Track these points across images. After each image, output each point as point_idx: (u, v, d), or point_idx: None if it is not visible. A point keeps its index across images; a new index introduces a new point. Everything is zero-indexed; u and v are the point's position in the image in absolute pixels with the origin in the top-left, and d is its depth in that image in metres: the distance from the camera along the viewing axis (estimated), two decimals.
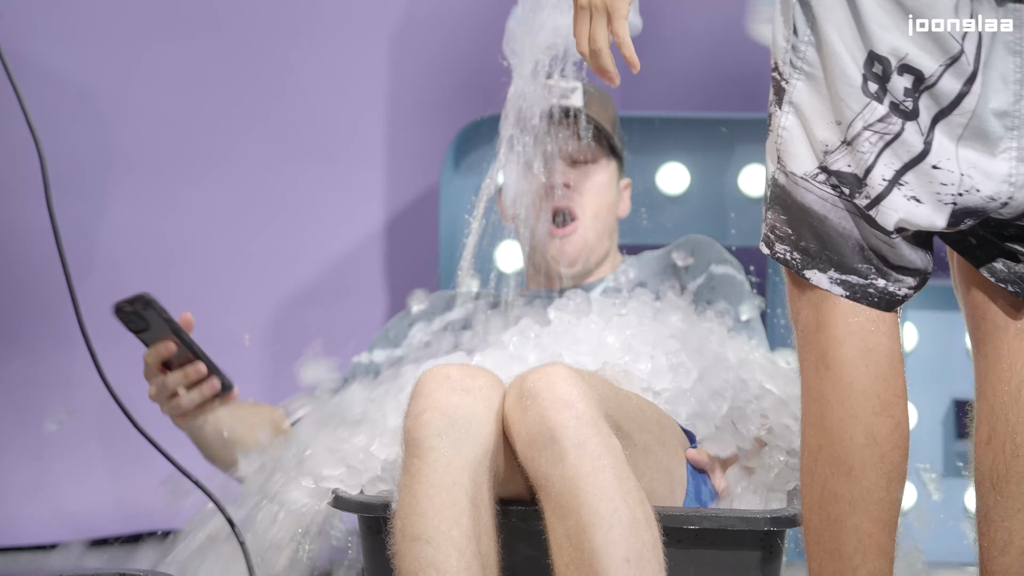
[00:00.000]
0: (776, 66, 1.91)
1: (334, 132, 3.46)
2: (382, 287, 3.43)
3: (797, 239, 1.91)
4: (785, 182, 1.91)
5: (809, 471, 1.90)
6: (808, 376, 1.91)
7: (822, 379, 1.90)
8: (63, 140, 3.35)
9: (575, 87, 2.61)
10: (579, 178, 2.60)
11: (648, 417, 2.20)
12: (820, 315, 1.91)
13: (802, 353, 1.93)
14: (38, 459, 3.32)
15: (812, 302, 1.91)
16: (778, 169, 1.92)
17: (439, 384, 2.07)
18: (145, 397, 3.31)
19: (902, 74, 1.85)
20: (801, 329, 1.93)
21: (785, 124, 1.90)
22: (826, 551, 1.90)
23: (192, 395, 2.37)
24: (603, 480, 1.97)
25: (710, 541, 2.13)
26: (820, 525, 1.90)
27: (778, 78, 1.91)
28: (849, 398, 1.89)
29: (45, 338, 3.37)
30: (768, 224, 1.93)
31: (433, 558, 1.97)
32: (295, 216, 3.46)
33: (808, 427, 1.91)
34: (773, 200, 1.93)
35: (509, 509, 2.09)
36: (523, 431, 2.04)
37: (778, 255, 1.92)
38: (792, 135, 1.90)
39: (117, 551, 3.27)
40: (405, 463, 2.05)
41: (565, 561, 1.98)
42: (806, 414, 1.92)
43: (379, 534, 2.16)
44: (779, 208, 1.92)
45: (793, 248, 1.91)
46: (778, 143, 1.91)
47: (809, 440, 1.91)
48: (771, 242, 1.93)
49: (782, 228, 1.91)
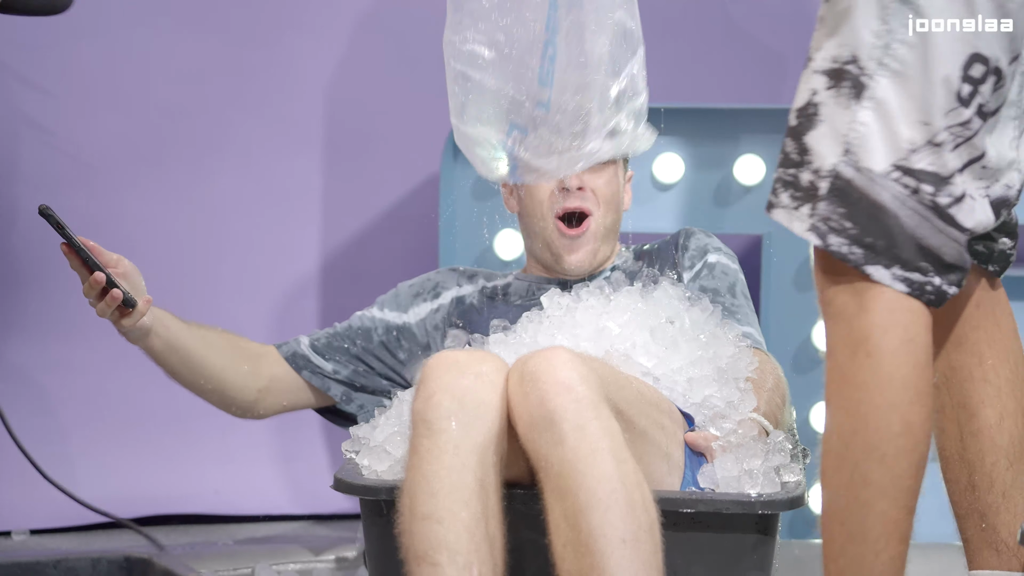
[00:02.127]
0: (854, 59, 1.90)
1: (335, 122, 3.46)
2: (383, 275, 3.43)
3: (861, 234, 1.90)
4: (854, 176, 1.90)
5: (838, 455, 1.90)
6: (843, 362, 1.91)
7: (861, 366, 1.89)
8: (69, 131, 3.37)
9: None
10: (592, 179, 2.58)
11: (648, 401, 2.22)
12: (863, 302, 1.90)
13: (835, 339, 1.92)
14: (44, 444, 3.34)
15: (854, 289, 1.90)
16: (844, 162, 1.90)
17: (447, 368, 2.09)
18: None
19: (994, 75, 1.88)
20: (836, 315, 1.92)
21: (863, 119, 1.89)
22: (849, 534, 1.90)
23: (101, 306, 2.39)
24: (601, 462, 2.00)
25: (705, 524, 2.15)
26: (846, 508, 1.91)
27: (856, 72, 1.89)
28: (890, 387, 1.89)
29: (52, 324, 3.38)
30: (820, 215, 1.91)
31: (445, 537, 1.99)
32: (297, 206, 3.46)
33: (839, 411, 1.91)
34: (832, 193, 1.90)
35: (513, 493, 2.11)
36: (524, 413, 2.06)
37: (832, 247, 1.90)
38: (871, 131, 1.89)
39: (123, 535, 3.30)
40: (414, 443, 2.07)
41: (563, 541, 2.00)
42: (837, 398, 1.91)
43: (380, 517, 2.19)
44: (839, 201, 1.91)
45: (854, 242, 1.90)
46: (851, 136, 1.90)
47: (841, 424, 1.90)
48: (824, 233, 1.91)
49: (839, 221, 1.90)
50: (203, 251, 3.43)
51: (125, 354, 3.35)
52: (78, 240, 2.34)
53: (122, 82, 3.37)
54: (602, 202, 2.58)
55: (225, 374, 2.54)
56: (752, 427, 2.29)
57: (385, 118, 3.46)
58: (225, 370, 2.54)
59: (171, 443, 3.43)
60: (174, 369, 2.52)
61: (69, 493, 3.18)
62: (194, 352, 2.51)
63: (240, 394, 2.57)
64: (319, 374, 2.61)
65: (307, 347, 2.63)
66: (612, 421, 2.05)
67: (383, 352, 2.63)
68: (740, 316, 2.54)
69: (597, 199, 2.58)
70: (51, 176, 3.35)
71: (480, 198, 3.27)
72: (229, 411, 2.61)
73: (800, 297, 3.28)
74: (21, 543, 3.27)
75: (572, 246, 2.59)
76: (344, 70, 3.46)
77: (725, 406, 2.31)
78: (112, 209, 3.38)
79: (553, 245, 2.60)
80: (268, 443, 3.49)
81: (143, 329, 2.43)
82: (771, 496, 2.16)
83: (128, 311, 2.40)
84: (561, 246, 2.59)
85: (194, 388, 2.55)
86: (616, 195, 2.60)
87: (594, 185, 2.57)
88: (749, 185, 3.29)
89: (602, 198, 2.58)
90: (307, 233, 3.47)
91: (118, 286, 2.36)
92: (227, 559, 3.11)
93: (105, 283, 2.35)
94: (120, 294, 2.36)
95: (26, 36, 3.30)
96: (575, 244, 2.59)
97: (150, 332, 2.44)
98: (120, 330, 2.44)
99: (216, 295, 3.41)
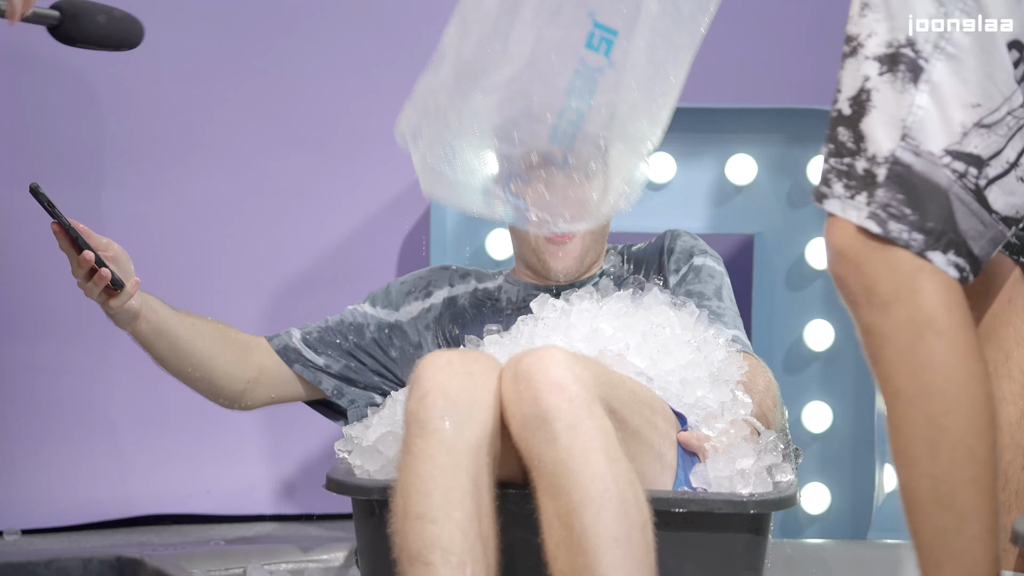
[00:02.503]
0: (910, 43, 1.90)
1: (329, 121, 3.46)
2: (375, 274, 3.44)
3: (921, 219, 1.89)
4: (914, 160, 1.90)
5: (931, 440, 1.88)
6: (906, 347, 1.89)
7: (933, 347, 1.88)
8: (61, 129, 3.36)
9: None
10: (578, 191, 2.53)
11: (641, 400, 2.23)
12: (916, 285, 1.88)
13: (889, 325, 1.90)
14: (35, 444, 3.34)
15: (905, 273, 1.89)
16: (902, 147, 1.90)
17: (440, 368, 2.09)
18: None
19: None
20: (887, 301, 1.90)
21: (920, 103, 1.89)
22: (961, 515, 1.89)
23: (89, 286, 2.38)
24: (594, 461, 2.00)
25: (697, 524, 2.15)
26: (954, 491, 1.89)
27: (913, 56, 1.90)
28: (970, 361, 1.89)
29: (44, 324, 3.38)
30: (878, 203, 1.90)
31: (438, 537, 1.99)
32: (290, 205, 3.46)
33: (920, 397, 1.89)
34: (890, 179, 1.90)
35: (505, 493, 2.11)
36: (517, 412, 2.06)
37: (892, 234, 1.89)
38: (928, 114, 1.89)
39: (115, 535, 3.30)
40: (408, 443, 2.07)
41: (555, 540, 2.00)
42: (909, 384, 1.89)
43: (372, 516, 2.19)
44: (897, 186, 1.90)
45: (914, 228, 1.89)
46: (909, 120, 1.90)
47: (926, 407, 1.88)
48: (883, 221, 1.90)
49: (899, 207, 1.90)
50: (195, 249, 3.43)
51: (115, 355, 3.36)
52: (67, 220, 2.34)
53: (114, 80, 3.37)
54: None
55: (214, 363, 2.53)
56: (744, 428, 2.29)
57: (377, 117, 3.46)
58: (214, 359, 2.53)
59: (162, 443, 3.42)
60: (162, 355, 2.50)
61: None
62: (183, 338, 2.49)
63: (228, 383, 2.56)
64: (311, 367, 2.61)
65: (299, 340, 2.62)
66: (605, 420, 2.05)
67: (375, 349, 2.63)
68: (727, 319, 2.54)
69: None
70: (44, 174, 3.34)
71: None
72: (216, 401, 2.60)
73: (792, 296, 3.28)
74: (12, 543, 3.27)
75: (558, 254, 2.58)
76: (337, 68, 3.46)
77: (718, 406, 2.32)
78: (104, 207, 3.37)
79: (539, 252, 2.59)
80: (260, 443, 3.49)
81: (131, 312, 2.42)
82: (763, 496, 2.17)
83: (116, 292, 2.39)
84: (547, 253, 2.58)
85: (182, 376, 2.54)
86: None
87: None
88: (741, 185, 3.29)
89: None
90: (299, 231, 3.46)
91: (106, 266, 2.36)
92: (219, 559, 3.11)
93: (94, 262, 2.35)
94: (108, 273, 2.36)
95: (18, 34, 3.29)
96: (561, 252, 2.58)
97: (139, 316, 2.43)
98: (108, 312, 2.42)
99: (208, 293, 3.41)
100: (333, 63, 3.45)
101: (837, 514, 3.25)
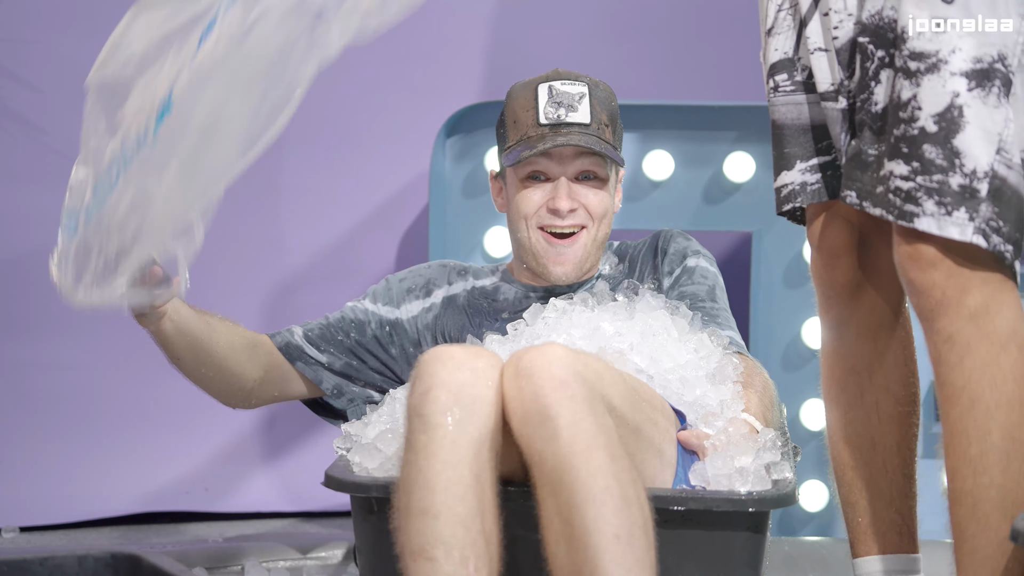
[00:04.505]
0: (1003, 58, 1.93)
1: (326, 118, 3.46)
2: (373, 271, 3.44)
3: (1012, 230, 1.94)
4: (1007, 173, 1.93)
5: (1005, 452, 1.94)
6: (988, 359, 1.94)
7: (1016, 358, 1.93)
8: (59, 128, 3.36)
9: (582, 93, 2.54)
10: (585, 194, 2.54)
11: (641, 397, 2.22)
12: (1003, 296, 1.93)
13: (971, 337, 1.94)
14: (34, 441, 3.34)
15: (991, 284, 1.94)
16: (998, 161, 1.93)
17: (443, 363, 2.09)
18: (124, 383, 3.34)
19: None
20: (973, 314, 1.94)
21: (1011, 116, 1.93)
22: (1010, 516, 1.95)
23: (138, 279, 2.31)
24: (596, 458, 2.00)
25: (696, 521, 2.15)
26: (1018, 500, 1.95)
27: (1005, 71, 1.93)
28: None
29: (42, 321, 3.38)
30: (983, 217, 1.93)
31: (441, 532, 1.99)
32: (287, 202, 3.46)
33: (998, 408, 1.94)
34: (991, 194, 1.93)
35: (506, 490, 2.11)
36: (518, 409, 2.06)
37: (997, 248, 1.93)
38: (1016, 126, 1.93)
39: (113, 532, 3.30)
40: (410, 439, 2.06)
41: (555, 537, 2.00)
42: (991, 394, 1.94)
43: (371, 514, 2.19)
44: (995, 200, 1.93)
45: (1007, 239, 1.93)
46: (1005, 135, 1.93)
47: (1007, 419, 1.94)
48: (988, 235, 1.93)
49: (996, 220, 1.93)
50: None
51: (113, 352, 3.35)
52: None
53: None
54: (596, 217, 2.54)
55: (226, 363, 2.52)
56: (743, 426, 2.29)
57: (376, 114, 3.46)
58: (227, 359, 2.51)
59: (160, 440, 3.42)
60: (179, 354, 2.47)
61: None
62: (201, 339, 2.47)
63: (238, 384, 2.55)
64: (312, 365, 2.60)
65: (300, 337, 2.62)
66: (606, 417, 2.05)
67: (375, 346, 2.63)
68: (721, 320, 2.54)
69: (590, 215, 2.54)
70: (42, 173, 3.34)
71: (470, 195, 3.27)
72: (223, 400, 2.58)
73: (790, 294, 3.28)
74: (10, 540, 3.26)
75: (559, 257, 2.55)
76: (335, 66, 3.45)
77: (717, 405, 2.32)
78: None
79: (539, 255, 2.57)
80: (258, 440, 3.49)
81: (160, 311, 2.39)
82: (761, 494, 2.17)
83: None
84: (547, 256, 2.56)
85: (194, 375, 2.52)
86: (609, 209, 2.56)
87: (587, 202, 2.54)
88: (739, 182, 3.30)
89: (596, 213, 2.54)
90: (298, 229, 3.47)
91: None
92: (217, 556, 3.11)
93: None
94: (160, 271, 2.30)
95: (14, 31, 3.29)
96: (563, 255, 2.55)
97: (165, 315, 2.40)
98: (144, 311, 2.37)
99: (206, 290, 3.39)
100: (332, 61, 3.44)
101: (835, 512, 3.25)
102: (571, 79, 2.55)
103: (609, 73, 2.75)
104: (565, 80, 2.55)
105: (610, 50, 3.49)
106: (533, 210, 2.55)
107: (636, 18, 3.53)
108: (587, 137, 2.51)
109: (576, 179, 2.54)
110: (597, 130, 2.53)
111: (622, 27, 3.52)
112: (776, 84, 2.26)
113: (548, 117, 2.53)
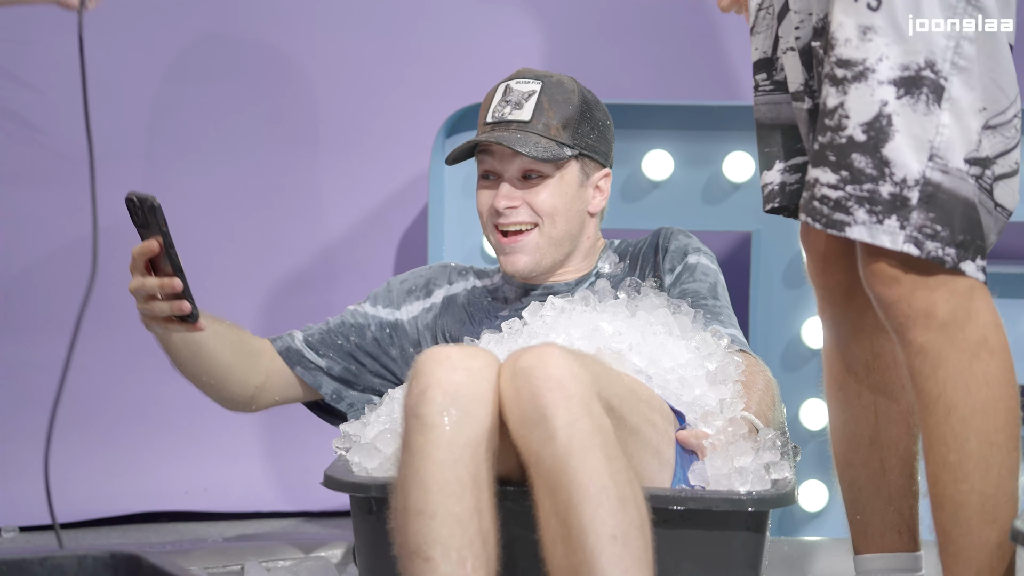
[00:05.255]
0: (931, 65, 1.92)
1: (324, 119, 3.46)
2: (372, 273, 3.44)
3: (952, 234, 1.93)
4: (942, 179, 1.92)
5: (983, 457, 1.95)
6: (961, 366, 1.94)
7: (988, 365, 1.94)
8: (58, 128, 3.36)
9: (532, 91, 2.53)
10: (529, 194, 2.53)
11: (639, 397, 2.23)
12: (971, 304, 1.93)
13: (943, 345, 1.95)
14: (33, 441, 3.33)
15: (959, 294, 1.94)
16: (931, 167, 1.93)
17: (439, 363, 2.09)
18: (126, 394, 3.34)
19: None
20: (944, 323, 1.95)
21: (945, 122, 1.92)
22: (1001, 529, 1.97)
23: (163, 305, 2.31)
24: (593, 459, 2.00)
25: (695, 521, 2.16)
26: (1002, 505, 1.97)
27: (934, 77, 1.92)
28: (1012, 379, 1.96)
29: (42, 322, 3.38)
30: (914, 225, 1.93)
31: (438, 533, 1.99)
32: (286, 203, 3.46)
33: (974, 414, 1.95)
34: (923, 201, 1.93)
35: (503, 490, 2.11)
36: (515, 409, 2.06)
37: (932, 254, 1.93)
38: (952, 131, 1.92)
39: (112, 532, 3.30)
40: (407, 439, 2.06)
41: (553, 537, 2.01)
42: (965, 401, 1.95)
43: (370, 514, 2.19)
44: (927, 206, 1.93)
45: (946, 244, 1.93)
46: (936, 141, 1.92)
47: (983, 424, 1.95)
48: (920, 242, 1.94)
49: (932, 226, 1.93)
50: (192, 247, 3.42)
51: (113, 352, 3.35)
52: (172, 240, 2.24)
53: (111, 78, 3.37)
54: (544, 215, 2.54)
55: (230, 370, 2.52)
56: (742, 426, 2.29)
57: (374, 115, 3.46)
58: (230, 366, 2.51)
59: (160, 440, 3.42)
60: (183, 360, 2.47)
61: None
62: (206, 346, 2.47)
63: (240, 389, 2.55)
64: (312, 370, 2.60)
65: (301, 342, 2.62)
66: (604, 418, 2.05)
67: (376, 348, 2.63)
68: (723, 318, 2.54)
69: (537, 213, 2.54)
70: (42, 173, 3.34)
71: (469, 196, 3.27)
72: (224, 404, 2.59)
73: (789, 293, 3.28)
74: (10, 540, 3.26)
75: (511, 255, 2.56)
76: (333, 67, 3.46)
77: (717, 404, 2.32)
78: (100, 205, 3.36)
79: (497, 253, 2.59)
80: (258, 440, 3.49)
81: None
82: (761, 493, 2.17)
83: (177, 322, 2.31)
84: (501, 253, 2.58)
85: (196, 380, 2.52)
86: (566, 204, 2.55)
87: (531, 200, 2.53)
88: (738, 182, 3.30)
89: (543, 211, 2.53)
90: (296, 229, 3.46)
91: (190, 298, 2.28)
92: (216, 556, 3.11)
93: (180, 290, 2.30)
94: (189, 307, 2.28)
95: (13, 32, 3.29)
96: (513, 253, 2.56)
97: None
98: (158, 324, 2.36)
99: (205, 292, 3.39)
100: (330, 62, 3.45)
101: (835, 511, 3.25)
102: (528, 77, 2.56)
103: (609, 73, 2.76)
104: (522, 79, 2.56)
105: (610, 50, 3.49)
106: (485, 209, 2.57)
107: (636, 18, 3.53)
108: (523, 135, 2.50)
109: (524, 177, 2.54)
110: (541, 128, 2.51)
111: (622, 27, 3.52)
112: (756, 83, 2.26)
113: (494, 115, 2.54)
